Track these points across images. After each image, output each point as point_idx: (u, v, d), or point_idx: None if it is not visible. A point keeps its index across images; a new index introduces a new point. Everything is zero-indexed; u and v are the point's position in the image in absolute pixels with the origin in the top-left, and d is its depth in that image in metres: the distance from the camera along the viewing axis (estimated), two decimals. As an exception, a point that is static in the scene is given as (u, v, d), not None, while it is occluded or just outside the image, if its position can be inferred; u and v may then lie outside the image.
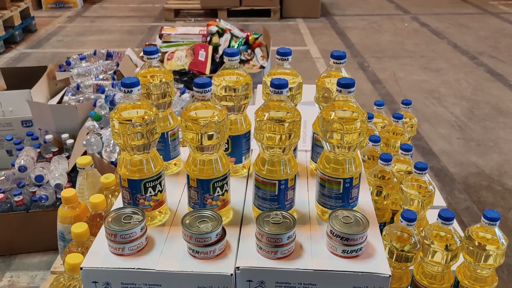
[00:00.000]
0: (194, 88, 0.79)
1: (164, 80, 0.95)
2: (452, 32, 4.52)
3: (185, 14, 5.14)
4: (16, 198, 1.67)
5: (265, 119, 0.79)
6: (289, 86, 0.90)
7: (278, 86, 0.78)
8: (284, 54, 0.97)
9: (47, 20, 4.86)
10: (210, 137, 0.79)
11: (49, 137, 2.00)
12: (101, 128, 1.83)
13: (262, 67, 2.71)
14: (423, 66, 3.67)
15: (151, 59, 0.96)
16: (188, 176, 0.83)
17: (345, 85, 0.79)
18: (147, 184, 0.82)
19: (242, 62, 2.77)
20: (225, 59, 0.94)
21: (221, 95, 0.94)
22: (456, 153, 2.43)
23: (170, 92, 0.98)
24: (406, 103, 1.43)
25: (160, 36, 2.71)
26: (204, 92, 0.79)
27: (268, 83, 0.81)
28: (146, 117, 0.79)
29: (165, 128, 0.98)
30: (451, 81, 3.38)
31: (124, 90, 0.78)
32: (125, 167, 0.82)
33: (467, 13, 5.25)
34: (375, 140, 1.21)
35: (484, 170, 2.28)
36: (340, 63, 0.96)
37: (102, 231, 0.82)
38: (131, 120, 0.77)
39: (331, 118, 0.79)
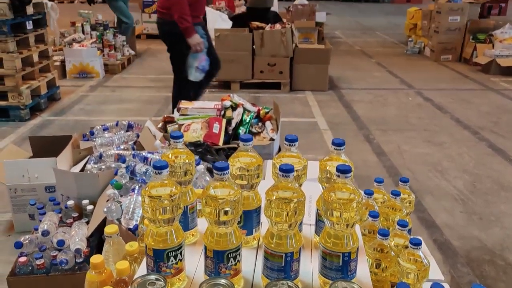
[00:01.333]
0: (214, 170, 0.93)
1: (187, 160, 1.10)
2: (454, 107, 4.72)
3: (200, 85, 5.43)
4: (37, 262, 1.77)
5: (274, 198, 0.91)
6: (295, 168, 1.03)
7: (286, 171, 0.92)
8: (291, 140, 1.11)
9: (71, 89, 5.18)
10: (226, 213, 0.92)
11: (70, 202, 2.13)
12: (121, 196, 1.96)
13: (272, 139, 2.88)
14: (426, 140, 3.83)
15: (177, 142, 1.11)
16: (205, 247, 0.95)
17: (343, 171, 0.92)
18: (169, 253, 0.93)
19: (253, 134, 2.94)
20: (240, 144, 1.09)
21: (236, 174, 1.08)
22: (459, 226, 2.50)
23: (192, 170, 1.11)
24: (404, 180, 1.55)
25: (178, 110, 2.92)
26: (223, 175, 0.93)
27: (278, 166, 0.95)
28: (172, 195, 0.92)
29: (185, 202, 1.11)
30: (453, 155, 3.51)
31: (155, 172, 0.92)
32: (151, 237, 0.94)
33: (469, 89, 5.49)
34: (374, 215, 1.32)
35: (487, 244, 2.34)
36: (340, 149, 1.10)
37: (128, 295, 0.92)
38: (160, 197, 0.91)
39: (331, 199, 0.92)
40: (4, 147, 3.50)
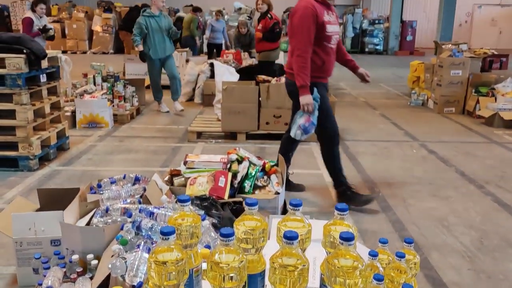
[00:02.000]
0: (219, 236, 0.95)
1: (193, 224, 1.12)
2: (459, 160, 4.74)
3: (207, 136, 5.52)
4: (40, 319, 1.76)
5: (278, 266, 0.93)
6: (299, 233, 1.06)
7: (290, 238, 0.94)
8: (296, 205, 1.14)
9: (80, 139, 5.27)
10: (231, 278, 0.93)
11: (75, 257, 2.13)
12: (126, 251, 1.96)
13: (277, 193, 2.90)
14: (432, 193, 3.82)
15: (184, 206, 1.13)
16: (210, 313, 0.95)
17: (346, 238, 0.94)
18: (174, 319, 0.94)
19: (258, 188, 2.96)
20: (246, 208, 1.12)
21: (241, 238, 1.10)
22: (467, 285, 2.46)
23: (198, 233, 1.14)
24: (409, 241, 1.55)
25: (185, 163, 2.96)
26: (228, 241, 0.95)
27: (282, 230, 0.97)
28: (178, 261, 0.94)
29: (191, 265, 1.12)
30: (459, 209, 3.49)
31: (162, 238, 0.94)
32: (156, 303, 0.95)
33: (473, 141, 5.53)
34: (379, 279, 1.31)
35: (496, 304, 2.29)
36: (343, 214, 1.12)
37: None
38: (166, 263, 0.93)
39: (335, 266, 0.93)
40: (12, 197, 3.54)
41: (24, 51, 3.98)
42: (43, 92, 4.35)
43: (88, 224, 2.37)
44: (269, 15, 6.48)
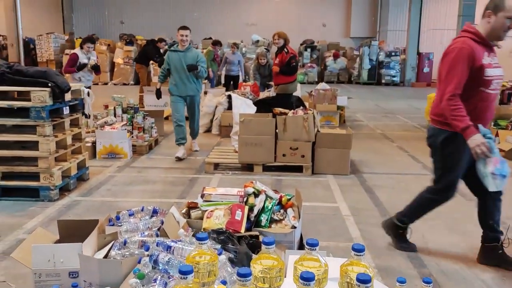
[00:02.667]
0: (237, 276, 0.97)
1: (211, 262, 1.14)
2: (479, 194, 4.65)
3: (223, 167, 5.56)
4: None
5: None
6: (316, 273, 1.06)
7: (307, 279, 0.95)
8: (312, 245, 1.15)
9: (99, 169, 5.36)
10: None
11: (93, 290, 2.15)
12: (143, 286, 1.97)
13: (293, 227, 2.89)
14: (451, 228, 3.76)
15: (202, 244, 1.15)
16: None
17: (363, 281, 0.95)
18: None
19: (275, 221, 2.96)
20: (263, 247, 1.13)
21: (258, 276, 1.11)
22: (489, 325, 2.39)
23: (215, 271, 1.15)
24: (427, 281, 1.53)
25: (202, 196, 2.99)
26: (245, 281, 0.96)
27: (299, 270, 0.98)
28: (196, 300, 0.95)
29: (208, 303, 1.14)
30: (479, 245, 3.41)
31: (180, 276, 0.96)
32: None
33: (493, 175, 5.43)
34: (396, 320, 1.30)
35: None
36: (360, 255, 1.12)
37: None
38: (184, 303, 0.94)
39: (351, 309, 0.94)
40: (32, 227, 3.61)
41: (49, 84, 4.12)
42: (66, 124, 4.47)
43: (106, 256, 2.39)
44: (285, 50, 6.60)
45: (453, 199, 4.47)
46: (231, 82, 10.98)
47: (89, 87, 7.17)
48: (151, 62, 10.98)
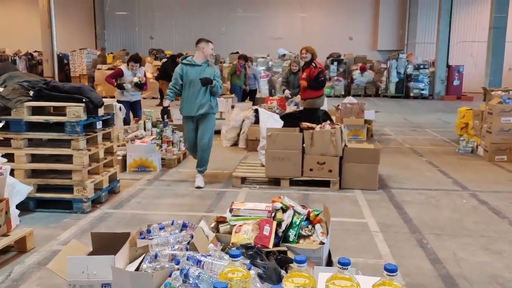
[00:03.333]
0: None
1: (243, 278, 1.16)
2: (513, 212, 4.54)
3: (250, 181, 5.59)
4: None
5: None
6: (348, 292, 1.07)
7: (339, 298, 0.96)
8: (344, 264, 1.16)
9: (129, 182, 5.48)
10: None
11: (125, 302, 2.19)
12: (174, 299, 2.01)
13: (322, 243, 2.88)
14: (484, 247, 3.67)
15: (235, 260, 1.18)
16: None
17: (395, 301, 0.95)
18: None
19: (303, 237, 2.96)
20: (295, 265, 1.15)
21: (289, 294, 1.12)
22: None
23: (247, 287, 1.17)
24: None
25: (231, 210, 3.02)
26: (278, 299, 0.98)
27: (330, 289, 0.99)
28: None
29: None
30: (514, 265, 3.33)
31: (215, 293, 0.99)
32: None
33: (528, 191, 5.29)
34: None
35: None
36: (393, 275, 1.13)
37: None
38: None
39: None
40: (66, 238, 3.71)
41: (84, 100, 4.26)
42: (98, 138, 4.60)
43: (137, 269, 2.44)
44: (313, 64, 6.62)
45: (488, 218, 4.39)
46: (248, 97, 11.06)
47: (136, 101, 7.63)
48: None
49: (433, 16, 19.88)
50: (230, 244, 2.70)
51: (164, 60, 15.40)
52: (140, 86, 7.52)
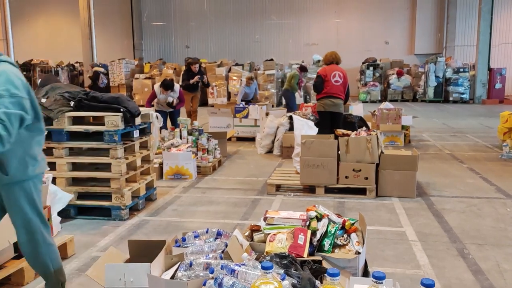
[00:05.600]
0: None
1: (275, 291, 1.15)
2: (561, 221, 4.31)
3: (285, 189, 5.57)
4: None
5: None
6: (383, 307, 1.04)
7: (373, 314, 0.94)
8: (379, 278, 1.13)
9: (166, 189, 5.57)
10: None
11: (160, 309, 2.22)
12: (208, 308, 2.02)
13: (357, 252, 2.82)
14: (530, 258, 3.50)
15: (267, 273, 1.17)
16: None
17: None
18: None
19: (338, 246, 2.91)
20: (328, 278, 1.13)
21: (322, 308, 1.10)
22: None
23: (280, 301, 1.16)
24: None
25: (265, 219, 3.01)
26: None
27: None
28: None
29: (273, 332, 1.15)
30: None
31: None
32: None
33: None
34: None
35: None
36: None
37: None
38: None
39: None
40: (104, 245, 3.81)
41: (121, 109, 4.37)
42: (136, 147, 4.71)
43: (172, 277, 2.47)
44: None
45: (531, 226, 4.19)
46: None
47: (174, 111, 7.99)
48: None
49: (473, 17, 19.31)
50: (264, 253, 2.69)
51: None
52: (172, 106, 7.86)
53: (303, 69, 11.16)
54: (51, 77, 13.02)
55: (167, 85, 7.68)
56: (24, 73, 20.03)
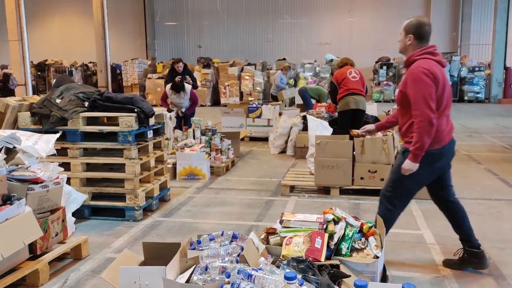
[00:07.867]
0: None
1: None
2: None
3: (299, 190, 5.51)
4: None
5: None
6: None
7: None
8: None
9: (179, 190, 5.55)
10: None
11: (176, 314, 2.19)
12: (224, 313, 1.98)
13: (376, 256, 2.76)
14: (554, 263, 3.40)
15: (290, 283, 1.13)
16: None
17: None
18: None
19: (356, 250, 2.85)
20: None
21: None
22: None
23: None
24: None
25: (281, 222, 2.96)
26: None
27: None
28: None
29: None
30: None
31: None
32: None
33: None
34: None
35: None
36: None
37: None
38: None
39: None
40: (118, 246, 3.79)
41: (135, 110, 4.36)
42: (149, 147, 4.69)
43: (188, 281, 2.43)
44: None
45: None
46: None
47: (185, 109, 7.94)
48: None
49: (489, 16, 19.00)
50: (281, 257, 2.65)
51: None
52: (184, 113, 7.88)
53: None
54: (66, 77, 13.09)
55: (177, 87, 7.61)
56: (39, 73, 20.27)
